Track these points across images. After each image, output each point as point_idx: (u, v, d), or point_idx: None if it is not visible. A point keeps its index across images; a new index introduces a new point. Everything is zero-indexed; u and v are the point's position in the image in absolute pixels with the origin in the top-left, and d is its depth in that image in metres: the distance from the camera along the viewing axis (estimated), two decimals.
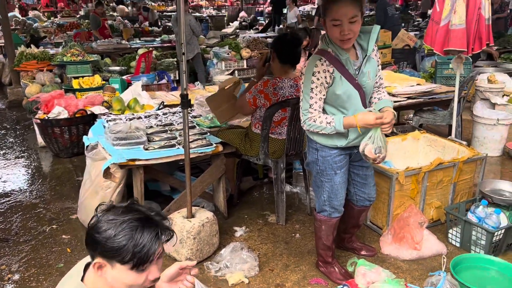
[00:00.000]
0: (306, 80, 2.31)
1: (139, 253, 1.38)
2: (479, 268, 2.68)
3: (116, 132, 3.20)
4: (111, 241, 1.37)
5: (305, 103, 2.33)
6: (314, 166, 2.53)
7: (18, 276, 2.79)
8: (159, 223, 1.46)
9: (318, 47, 2.38)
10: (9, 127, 6.41)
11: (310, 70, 2.29)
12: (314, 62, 2.29)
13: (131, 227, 1.39)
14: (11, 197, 3.97)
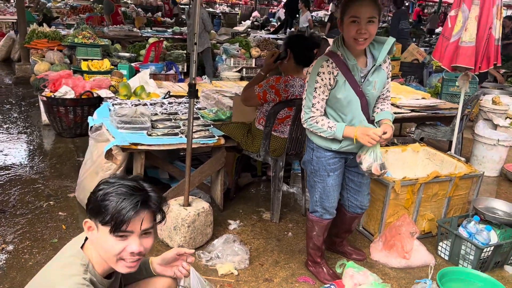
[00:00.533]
0: (310, 79, 2.35)
1: (117, 215, 1.42)
2: (465, 282, 2.72)
3: (121, 115, 3.24)
4: (99, 201, 1.44)
5: (307, 102, 2.38)
6: (308, 165, 2.57)
7: (12, 247, 2.83)
8: (151, 198, 1.50)
9: (329, 49, 2.42)
10: (14, 103, 6.46)
11: (316, 70, 2.33)
12: (320, 63, 2.33)
13: (119, 191, 1.45)
14: (11, 170, 4.01)
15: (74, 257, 1.46)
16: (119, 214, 1.41)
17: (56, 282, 1.38)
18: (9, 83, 7.80)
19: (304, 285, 2.68)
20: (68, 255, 1.48)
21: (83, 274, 1.41)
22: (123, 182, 1.48)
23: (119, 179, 1.50)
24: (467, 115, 4.65)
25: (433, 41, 13.68)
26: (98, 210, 1.43)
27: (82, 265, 1.44)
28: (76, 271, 1.41)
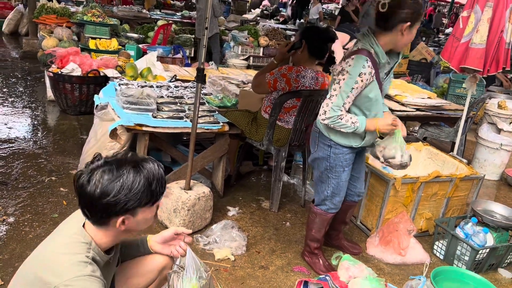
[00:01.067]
0: (350, 78, 2.26)
1: (162, 187, 1.50)
2: (458, 282, 2.74)
3: (127, 95, 3.25)
4: (133, 193, 1.41)
5: (339, 100, 2.30)
6: (323, 163, 2.53)
7: (13, 219, 2.86)
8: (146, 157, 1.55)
9: (359, 46, 2.33)
10: (20, 77, 6.46)
11: (357, 70, 2.25)
12: (361, 63, 2.25)
13: (135, 171, 1.43)
14: (15, 144, 4.03)
15: (76, 235, 1.46)
16: (162, 183, 1.50)
17: (59, 260, 1.38)
18: (15, 56, 7.79)
19: (299, 274, 2.71)
20: (71, 234, 1.48)
21: (86, 253, 1.42)
22: (125, 168, 1.43)
23: (117, 170, 1.42)
24: (472, 117, 4.65)
25: (442, 41, 13.61)
26: (139, 198, 1.43)
27: (85, 243, 1.44)
28: (79, 249, 1.42)
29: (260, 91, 3.37)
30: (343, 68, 2.30)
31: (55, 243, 1.47)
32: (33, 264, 1.45)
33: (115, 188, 1.39)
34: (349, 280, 2.36)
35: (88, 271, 1.36)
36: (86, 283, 1.34)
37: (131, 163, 1.46)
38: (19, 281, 1.47)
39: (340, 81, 2.30)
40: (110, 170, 1.41)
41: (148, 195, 1.46)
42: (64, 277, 1.33)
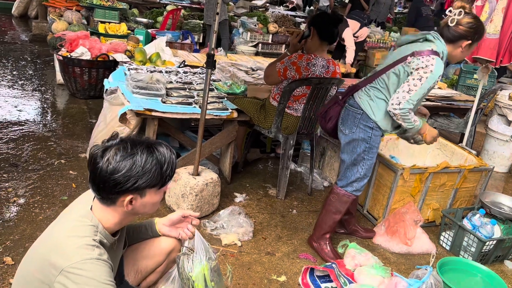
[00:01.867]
0: (431, 78, 2.37)
1: (173, 168, 1.52)
2: (464, 273, 2.75)
3: (137, 80, 3.25)
4: (145, 173, 1.44)
5: (416, 95, 2.39)
6: (362, 144, 2.58)
7: (23, 201, 2.89)
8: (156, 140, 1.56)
9: (434, 48, 2.42)
10: (29, 60, 6.48)
11: (439, 72, 2.38)
12: (441, 66, 2.40)
13: (148, 151, 1.46)
14: (25, 126, 4.06)
15: (83, 218, 1.47)
16: (173, 166, 1.52)
17: (66, 243, 1.40)
18: (25, 39, 7.80)
19: (305, 261, 2.73)
20: (78, 216, 1.49)
21: (93, 236, 1.44)
22: (137, 148, 1.45)
23: (129, 149, 1.44)
24: (482, 108, 4.61)
25: None
26: (150, 179, 1.45)
27: (92, 226, 1.46)
28: (86, 232, 1.43)
29: (271, 81, 3.35)
30: (427, 64, 2.37)
31: (63, 226, 1.48)
32: (42, 246, 1.47)
33: (127, 166, 1.41)
34: (355, 268, 2.38)
35: (95, 254, 1.38)
36: (94, 266, 1.36)
37: (145, 144, 1.48)
38: (28, 262, 1.49)
39: (422, 78, 2.37)
40: (124, 148, 1.44)
41: (158, 177, 1.47)
42: (71, 260, 1.34)
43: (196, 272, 1.72)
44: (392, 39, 8.81)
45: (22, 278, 1.49)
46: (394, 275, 2.28)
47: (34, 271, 1.43)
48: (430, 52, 2.38)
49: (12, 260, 2.31)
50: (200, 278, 1.73)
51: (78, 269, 1.33)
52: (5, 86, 5.11)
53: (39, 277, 1.40)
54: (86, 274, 1.33)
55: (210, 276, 1.75)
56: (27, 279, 1.45)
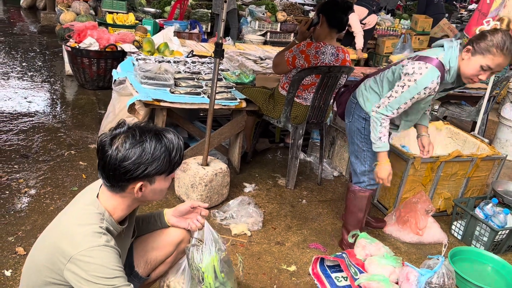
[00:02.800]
0: (415, 88, 2.21)
1: (180, 156, 1.51)
2: (476, 263, 2.73)
3: (145, 70, 3.24)
4: (153, 160, 1.44)
5: (395, 103, 2.27)
6: (358, 134, 2.53)
7: (34, 191, 2.91)
8: (164, 128, 1.56)
9: (439, 56, 2.21)
10: (38, 51, 6.49)
11: (425, 83, 2.18)
12: (432, 77, 2.18)
13: (156, 139, 1.46)
14: (35, 118, 4.08)
15: (90, 206, 1.48)
16: (181, 153, 1.52)
17: (74, 231, 1.41)
18: (34, 31, 7.83)
19: (315, 251, 2.72)
20: (84, 204, 1.50)
21: (100, 223, 1.44)
22: (146, 135, 1.45)
23: (139, 137, 1.44)
24: (494, 96, 4.53)
25: (465, 17, 13.19)
26: (159, 165, 1.45)
27: (98, 214, 1.46)
28: (93, 220, 1.44)
29: (280, 71, 3.31)
30: (414, 72, 2.21)
31: (70, 215, 1.50)
32: (50, 235, 1.49)
33: (137, 153, 1.41)
34: (365, 258, 2.36)
35: (103, 241, 1.39)
36: (101, 253, 1.37)
37: (153, 131, 1.48)
38: (37, 251, 1.51)
39: (405, 85, 2.23)
40: (133, 136, 1.44)
41: (167, 163, 1.47)
42: (79, 248, 1.35)
43: (205, 263, 1.72)
44: (402, 27, 8.68)
45: (31, 266, 1.51)
46: (405, 264, 2.27)
47: (43, 259, 1.44)
48: (429, 60, 2.20)
49: (24, 250, 2.33)
50: (209, 269, 1.73)
51: (86, 257, 1.35)
52: (15, 78, 5.14)
53: (47, 265, 1.42)
54: (94, 261, 1.35)
55: (220, 267, 1.75)
56: (37, 267, 1.47)
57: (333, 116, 3.85)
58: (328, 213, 3.18)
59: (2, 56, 6.00)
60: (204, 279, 1.75)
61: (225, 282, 1.81)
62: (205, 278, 1.74)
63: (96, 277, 1.34)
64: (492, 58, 2.09)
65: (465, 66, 2.17)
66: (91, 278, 1.34)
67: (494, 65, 2.10)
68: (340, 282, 2.37)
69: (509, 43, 2.07)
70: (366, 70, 5.15)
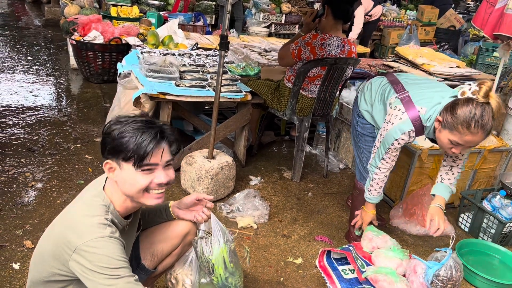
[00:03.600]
0: (386, 139, 2.16)
1: (139, 148, 1.43)
2: (483, 255, 2.72)
3: (150, 63, 3.23)
4: (117, 140, 1.44)
5: (376, 160, 2.26)
6: (354, 130, 2.54)
7: (41, 185, 2.92)
8: (165, 130, 1.51)
9: (422, 112, 2.07)
10: (43, 45, 6.50)
11: (396, 134, 2.10)
12: (403, 129, 2.09)
13: (135, 126, 1.46)
14: (41, 111, 4.09)
15: (95, 197, 1.49)
16: (141, 147, 1.43)
17: (79, 222, 1.42)
18: (38, 24, 7.82)
19: (321, 244, 2.72)
20: (90, 196, 1.51)
21: (105, 215, 1.45)
22: (135, 118, 1.49)
23: (129, 117, 1.50)
24: (502, 87, 4.48)
25: (471, 7, 13.04)
26: (119, 148, 1.44)
27: (104, 205, 1.48)
28: (98, 211, 1.45)
29: (285, 63, 3.28)
30: (390, 120, 2.14)
31: (76, 206, 1.51)
32: (58, 224, 1.50)
33: (115, 128, 1.45)
34: (372, 251, 2.36)
35: (107, 233, 1.40)
36: (106, 244, 1.38)
37: (143, 118, 1.51)
38: (45, 241, 1.53)
39: (381, 135, 2.20)
40: (126, 117, 1.50)
41: (133, 146, 1.42)
42: (84, 239, 1.37)
43: (215, 255, 1.73)
44: (408, 18, 8.60)
45: (38, 257, 1.53)
46: (412, 257, 2.26)
47: (50, 250, 1.46)
48: (409, 108, 2.07)
49: (32, 244, 2.35)
50: (219, 260, 1.73)
51: (91, 247, 1.36)
52: (20, 72, 5.15)
53: (54, 256, 1.43)
54: (99, 252, 1.36)
55: (229, 258, 1.75)
56: (43, 258, 1.49)
57: (339, 108, 3.83)
58: (334, 206, 3.17)
59: (8, 50, 6.01)
60: (215, 271, 1.76)
61: (234, 272, 1.82)
62: (215, 270, 1.75)
63: (100, 267, 1.35)
64: (459, 135, 1.91)
65: (438, 136, 2.02)
66: (95, 268, 1.35)
67: (463, 141, 1.91)
68: (347, 274, 2.37)
69: (479, 119, 1.83)
70: (372, 61, 5.11)
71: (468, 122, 1.85)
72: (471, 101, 1.86)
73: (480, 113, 1.83)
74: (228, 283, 1.83)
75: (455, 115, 1.88)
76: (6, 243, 2.34)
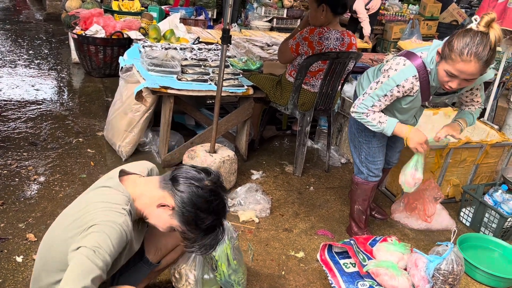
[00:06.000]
0: (386, 84, 2.11)
1: (199, 246, 1.55)
2: (485, 249, 2.72)
3: (152, 57, 3.22)
4: (198, 223, 1.49)
5: (368, 100, 2.20)
6: (353, 125, 2.51)
7: (43, 179, 2.93)
8: None
9: (421, 53, 2.08)
10: (44, 39, 6.49)
11: (398, 80, 2.08)
12: (407, 74, 2.06)
13: (215, 229, 1.52)
14: (42, 105, 4.09)
15: (114, 189, 1.50)
16: (205, 251, 1.56)
17: (98, 206, 1.43)
18: (39, 18, 7.81)
19: (323, 238, 2.73)
20: (109, 186, 1.51)
21: (125, 205, 1.46)
22: (219, 217, 1.53)
23: (212, 196, 1.50)
24: (504, 82, 4.47)
25: (474, 2, 12.98)
26: (193, 231, 1.51)
27: (125, 196, 1.48)
28: (118, 200, 1.46)
29: (284, 59, 3.29)
30: (390, 67, 2.12)
31: (96, 193, 1.52)
32: (75, 209, 1.51)
33: (198, 206, 1.48)
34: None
35: (120, 221, 1.41)
36: (112, 230, 1.38)
37: (224, 218, 1.57)
38: (56, 226, 1.53)
39: (379, 82, 2.16)
40: (215, 195, 1.52)
41: (193, 235, 1.52)
42: (97, 219, 1.38)
43: (219, 251, 1.73)
44: (411, 12, 8.56)
45: (50, 243, 1.53)
46: (413, 251, 2.26)
47: (60, 236, 1.46)
48: (412, 57, 2.07)
49: (35, 237, 2.36)
50: (223, 257, 1.74)
51: (98, 226, 1.37)
52: (22, 66, 5.15)
53: (64, 241, 1.43)
54: (103, 229, 1.37)
55: (232, 255, 1.76)
56: (52, 244, 1.49)
57: (341, 102, 3.82)
58: (336, 200, 3.18)
59: (9, 44, 6.00)
60: (218, 267, 1.77)
61: (237, 269, 1.82)
62: (218, 266, 1.76)
63: (95, 241, 1.34)
64: (452, 64, 1.90)
65: (437, 70, 2.02)
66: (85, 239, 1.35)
67: (456, 71, 1.90)
68: (348, 268, 2.38)
69: (472, 46, 1.82)
70: (374, 56, 5.09)
71: (461, 49, 1.85)
72: (469, 31, 1.86)
73: (476, 41, 1.82)
74: (231, 280, 1.84)
75: (450, 43, 1.88)
76: (9, 236, 2.35)
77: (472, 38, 1.83)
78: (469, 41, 1.83)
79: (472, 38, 1.83)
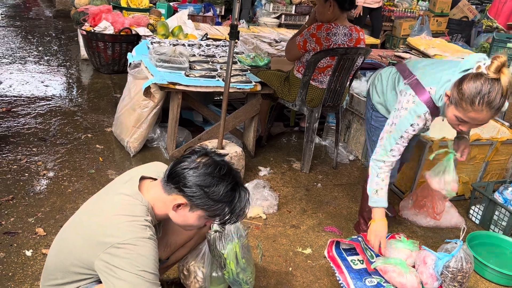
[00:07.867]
0: (400, 124, 2.08)
1: (236, 217, 1.50)
2: (495, 247, 2.70)
3: (160, 54, 3.23)
4: (214, 198, 1.44)
5: (386, 143, 2.15)
6: (367, 124, 2.51)
7: (53, 174, 2.96)
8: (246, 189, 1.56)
9: (432, 93, 2.02)
10: (54, 35, 6.53)
11: (412, 118, 2.04)
12: (419, 111, 2.03)
13: (232, 188, 1.47)
14: (52, 101, 4.12)
15: (133, 198, 1.46)
16: (239, 215, 1.51)
17: (119, 222, 1.39)
18: (49, 15, 7.86)
19: (330, 234, 2.72)
20: (128, 194, 1.47)
21: (146, 216, 1.44)
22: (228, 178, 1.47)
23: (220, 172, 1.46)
24: None
25: None
26: (215, 212, 1.47)
27: (144, 206, 1.46)
28: (139, 212, 1.43)
29: (292, 56, 3.28)
30: (402, 106, 2.07)
31: (111, 204, 1.46)
32: (88, 219, 1.47)
33: (209, 183, 1.43)
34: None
35: (148, 234, 1.40)
36: (146, 245, 1.37)
37: (236, 179, 1.50)
38: (73, 231, 1.50)
39: (392, 124, 2.11)
40: (218, 168, 1.46)
41: (219, 212, 1.47)
42: (124, 238, 1.35)
43: (228, 249, 1.73)
44: (420, 8, 8.48)
45: (62, 247, 1.51)
46: (422, 248, 2.25)
47: (79, 244, 1.43)
48: (419, 91, 2.02)
49: (44, 231, 2.38)
50: (232, 255, 1.74)
51: (131, 245, 1.34)
52: (32, 62, 5.19)
53: (80, 250, 1.41)
54: (138, 251, 1.34)
55: (241, 254, 1.76)
56: (68, 249, 1.47)
57: (349, 99, 3.80)
58: (344, 197, 3.17)
59: (19, 41, 6.05)
60: (226, 265, 1.77)
61: (246, 268, 1.82)
62: (227, 264, 1.76)
63: (132, 265, 1.33)
64: (463, 112, 1.82)
65: (446, 111, 1.94)
66: (126, 266, 1.33)
67: (467, 118, 1.83)
68: (356, 265, 2.36)
69: (484, 95, 1.73)
70: (383, 52, 5.06)
71: (472, 98, 1.76)
72: (479, 77, 1.76)
73: (487, 89, 1.73)
74: (239, 279, 1.84)
75: (460, 90, 1.79)
76: (18, 231, 2.38)
77: (483, 86, 1.73)
78: (480, 89, 1.74)
79: (484, 86, 1.73)
